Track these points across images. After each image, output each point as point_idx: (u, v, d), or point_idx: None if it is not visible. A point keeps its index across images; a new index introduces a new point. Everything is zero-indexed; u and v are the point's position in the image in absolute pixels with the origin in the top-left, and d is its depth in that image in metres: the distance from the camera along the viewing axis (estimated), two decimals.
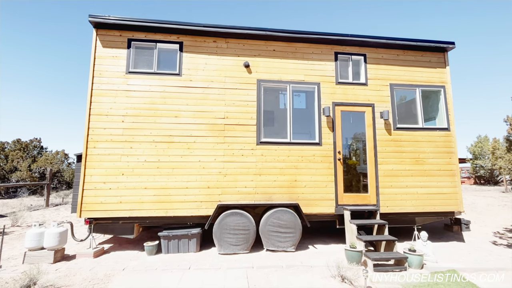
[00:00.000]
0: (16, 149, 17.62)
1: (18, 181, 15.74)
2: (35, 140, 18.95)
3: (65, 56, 62.86)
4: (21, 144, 18.20)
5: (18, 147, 17.79)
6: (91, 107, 5.34)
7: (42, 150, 19.33)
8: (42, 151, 19.18)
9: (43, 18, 53.96)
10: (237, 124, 5.61)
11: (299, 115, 6.21)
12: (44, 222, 5.32)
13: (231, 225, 5.05)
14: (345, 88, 6.03)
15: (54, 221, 5.10)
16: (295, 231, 5.14)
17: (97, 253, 4.98)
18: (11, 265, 4.56)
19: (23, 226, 7.87)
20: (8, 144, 18.03)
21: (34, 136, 20.93)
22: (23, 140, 18.50)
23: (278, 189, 5.51)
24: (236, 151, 5.53)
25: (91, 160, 5.20)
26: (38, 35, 53.58)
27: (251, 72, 5.82)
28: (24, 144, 18.29)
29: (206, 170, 5.41)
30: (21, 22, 47.08)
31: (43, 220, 8.21)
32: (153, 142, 5.38)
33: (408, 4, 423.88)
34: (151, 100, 5.50)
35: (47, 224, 5.21)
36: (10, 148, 17.83)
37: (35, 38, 53.85)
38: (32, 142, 18.77)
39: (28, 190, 15.43)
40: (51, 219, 8.38)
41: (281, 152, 5.64)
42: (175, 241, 5.11)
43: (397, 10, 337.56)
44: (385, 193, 5.74)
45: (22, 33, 49.42)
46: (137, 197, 5.19)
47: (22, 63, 52.66)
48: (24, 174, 15.90)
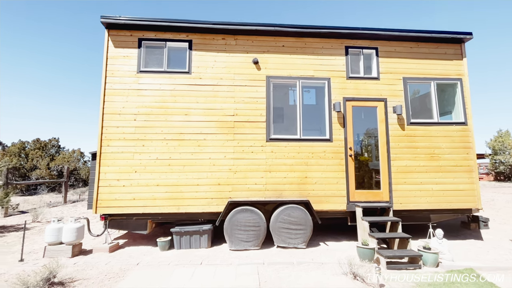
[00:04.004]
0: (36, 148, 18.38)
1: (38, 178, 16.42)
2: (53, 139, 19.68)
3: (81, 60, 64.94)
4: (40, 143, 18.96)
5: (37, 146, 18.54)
6: (104, 106, 5.47)
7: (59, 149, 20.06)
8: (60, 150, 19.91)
9: (57, 22, 56.26)
10: (246, 121, 5.61)
11: (309, 111, 6.14)
12: (62, 218, 5.54)
13: (242, 221, 5.08)
14: (356, 83, 5.90)
15: (71, 217, 5.29)
16: (306, 227, 5.11)
17: (112, 248, 5.14)
18: (33, 259, 4.78)
19: (43, 221, 8.21)
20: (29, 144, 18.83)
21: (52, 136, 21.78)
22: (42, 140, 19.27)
23: (288, 185, 5.49)
24: (246, 148, 5.54)
25: (105, 158, 5.34)
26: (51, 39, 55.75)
27: (260, 68, 5.79)
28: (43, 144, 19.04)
29: (217, 167, 5.45)
30: (37, 25, 49.17)
31: (61, 216, 8.54)
32: (165, 140, 5.46)
33: None
34: (161, 98, 5.57)
35: (65, 220, 5.41)
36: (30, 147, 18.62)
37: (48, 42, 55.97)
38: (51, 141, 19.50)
39: (47, 188, 16.08)
40: (68, 215, 8.71)
41: (291, 148, 5.61)
42: (187, 237, 5.20)
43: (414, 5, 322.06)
44: (398, 189, 5.62)
45: (38, 37, 51.61)
46: (150, 194, 5.30)
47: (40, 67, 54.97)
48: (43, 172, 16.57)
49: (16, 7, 43.23)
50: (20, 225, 7.69)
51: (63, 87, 51.57)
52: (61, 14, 75.84)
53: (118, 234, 6.44)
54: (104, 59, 5.59)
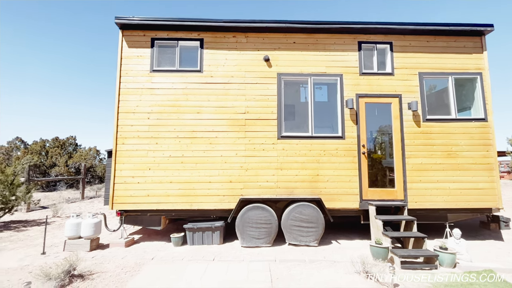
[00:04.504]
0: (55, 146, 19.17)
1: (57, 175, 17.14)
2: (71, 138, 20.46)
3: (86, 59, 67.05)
4: (59, 141, 19.76)
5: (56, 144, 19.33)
6: (119, 105, 5.62)
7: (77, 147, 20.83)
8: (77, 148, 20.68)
9: (70, 24, 58.14)
10: (257, 118, 5.63)
11: (321, 109, 6.09)
12: (81, 213, 5.78)
13: (253, 218, 5.12)
14: (370, 79, 5.79)
15: (89, 212, 5.50)
16: (318, 225, 5.09)
17: (128, 243, 5.30)
18: (54, 252, 5.02)
19: (63, 216, 8.58)
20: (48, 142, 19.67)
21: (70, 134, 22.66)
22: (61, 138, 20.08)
23: (300, 183, 5.48)
24: (257, 146, 5.57)
25: (120, 156, 5.51)
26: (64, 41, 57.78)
27: (271, 66, 5.78)
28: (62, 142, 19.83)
29: (228, 165, 5.51)
30: (53, 28, 51.04)
31: (80, 212, 8.89)
32: (177, 138, 5.57)
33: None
34: (174, 97, 5.67)
35: (83, 215, 5.62)
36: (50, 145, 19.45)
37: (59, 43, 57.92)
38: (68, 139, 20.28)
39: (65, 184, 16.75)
40: (86, 211, 9.05)
41: (303, 146, 5.58)
42: (199, 233, 5.29)
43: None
44: (413, 188, 5.49)
45: (51, 38, 53.64)
46: (163, 191, 5.43)
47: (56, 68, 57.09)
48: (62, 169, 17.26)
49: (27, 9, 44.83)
50: (41, 219, 8.07)
51: (74, 86, 53.56)
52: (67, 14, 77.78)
53: (133, 230, 6.64)
54: (118, 59, 5.74)
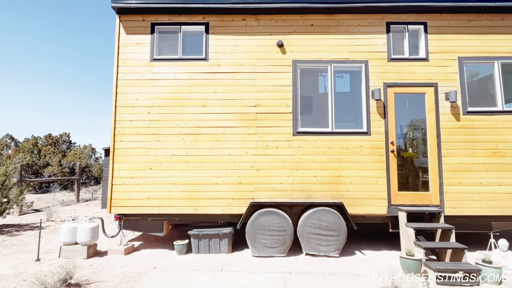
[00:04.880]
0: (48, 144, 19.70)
1: (50, 176, 17.62)
2: (65, 134, 20.98)
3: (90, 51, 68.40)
4: (52, 138, 20.29)
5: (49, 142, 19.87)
6: (117, 98, 5.63)
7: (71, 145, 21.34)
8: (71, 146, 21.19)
9: (66, 12, 59.05)
10: (270, 112, 5.52)
11: (343, 100, 5.92)
12: (77, 217, 5.86)
13: (266, 225, 5.04)
14: (400, 66, 5.56)
15: (85, 216, 5.57)
16: (339, 234, 4.97)
17: (127, 250, 5.33)
18: (49, 259, 5.10)
19: (57, 220, 8.77)
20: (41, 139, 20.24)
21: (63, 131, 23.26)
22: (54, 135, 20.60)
23: (318, 185, 5.36)
24: (269, 143, 5.47)
25: (118, 154, 5.53)
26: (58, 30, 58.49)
27: (286, 52, 5.64)
28: (55, 139, 20.36)
29: (237, 164, 5.44)
30: (47, 15, 52.33)
31: (75, 215, 9.07)
32: (180, 134, 5.53)
33: None
34: (176, 88, 5.63)
35: (79, 220, 5.71)
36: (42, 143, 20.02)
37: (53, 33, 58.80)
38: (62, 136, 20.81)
39: (59, 185, 17.20)
40: (82, 215, 9.22)
41: (322, 143, 5.44)
42: (205, 241, 5.26)
43: None
44: (451, 191, 5.25)
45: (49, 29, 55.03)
46: (166, 193, 5.42)
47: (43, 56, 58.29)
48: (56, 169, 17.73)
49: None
50: (35, 223, 8.26)
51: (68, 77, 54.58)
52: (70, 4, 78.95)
53: (133, 236, 6.69)
54: (115, 47, 5.73)
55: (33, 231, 7.24)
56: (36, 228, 7.51)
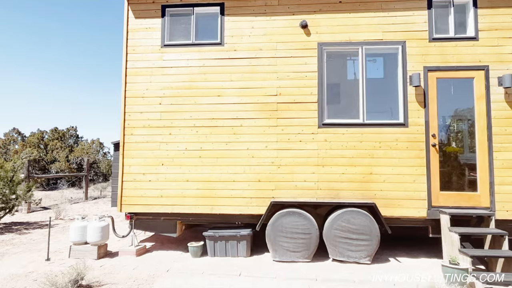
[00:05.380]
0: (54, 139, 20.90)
1: (58, 172, 18.72)
2: (71, 128, 22.16)
3: None
4: (58, 133, 21.50)
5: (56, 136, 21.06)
6: (126, 88, 5.93)
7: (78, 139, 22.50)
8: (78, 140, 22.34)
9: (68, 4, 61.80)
10: (292, 102, 5.61)
11: (375, 87, 5.95)
12: (86, 215, 6.26)
13: (288, 227, 5.18)
14: (443, 47, 5.46)
15: (95, 215, 5.94)
16: (371, 238, 5.02)
17: (139, 252, 5.67)
18: (59, 259, 5.52)
19: (66, 219, 9.39)
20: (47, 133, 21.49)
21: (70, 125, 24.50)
22: (60, 129, 21.81)
23: (347, 184, 5.41)
24: (292, 136, 5.57)
25: (129, 149, 5.84)
26: None
27: (310, 33, 5.69)
28: (62, 133, 21.56)
29: (256, 160, 5.59)
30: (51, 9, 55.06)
31: (84, 214, 9.65)
32: (194, 127, 5.75)
33: None
34: (189, 77, 5.84)
35: (89, 218, 6.11)
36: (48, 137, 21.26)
37: None
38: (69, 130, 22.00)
39: (67, 182, 18.25)
40: (91, 213, 9.81)
41: (351, 136, 5.48)
42: (222, 243, 5.48)
43: None
44: (503, 191, 5.15)
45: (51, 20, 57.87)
46: (179, 191, 5.68)
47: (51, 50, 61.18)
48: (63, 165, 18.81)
49: None
50: (43, 221, 8.90)
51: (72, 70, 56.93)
52: None
53: (144, 236, 7.06)
54: (124, 33, 6.02)
55: (42, 230, 7.82)
56: (45, 227, 8.10)
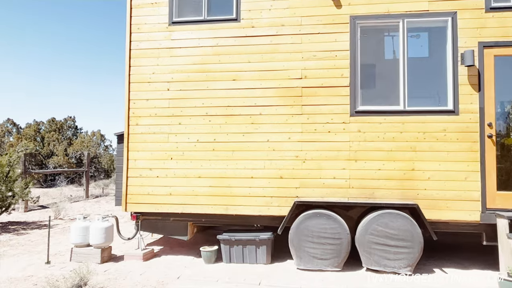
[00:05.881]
0: (51, 130, 21.62)
1: (56, 167, 19.41)
2: (70, 119, 22.86)
3: None
4: (56, 123, 22.24)
5: (53, 127, 21.79)
6: (130, 73, 6.02)
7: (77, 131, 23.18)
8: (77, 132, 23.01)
9: None
10: (320, 86, 5.53)
11: (419, 68, 5.82)
12: (88, 215, 6.46)
13: (315, 230, 5.14)
14: (504, 17, 5.21)
15: (98, 214, 6.11)
16: (413, 245, 4.92)
17: (146, 256, 5.78)
18: (59, 262, 5.73)
19: (66, 219, 9.73)
20: (43, 125, 22.28)
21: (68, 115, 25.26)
22: (58, 120, 22.54)
23: (384, 181, 5.32)
24: (319, 126, 5.50)
25: (134, 141, 5.94)
26: None
27: (341, 5, 5.56)
28: (59, 124, 22.27)
29: (278, 154, 5.56)
30: None
31: (86, 214, 9.97)
32: (207, 115, 5.77)
33: None
34: (201, 58, 5.85)
35: (91, 218, 6.29)
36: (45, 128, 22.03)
37: None
38: (67, 121, 22.70)
39: (66, 178, 18.89)
40: (93, 212, 10.11)
41: (390, 126, 5.36)
42: (238, 248, 5.51)
43: None
44: None
45: None
46: (190, 188, 5.74)
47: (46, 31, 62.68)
48: (61, 160, 19.47)
49: None
50: (42, 221, 9.26)
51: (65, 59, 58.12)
52: None
53: (152, 239, 7.21)
54: (127, 10, 6.09)
55: (40, 230, 8.14)
56: (44, 227, 8.42)
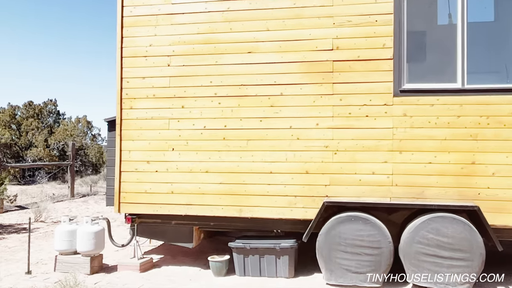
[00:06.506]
0: (29, 116, 21.89)
1: (35, 160, 19.67)
2: (50, 102, 23.08)
3: None
4: (34, 108, 22.53)
5: (31, 113, 22.05)
6: (122, 45, 5.93)
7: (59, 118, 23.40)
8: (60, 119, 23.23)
9: None
10: (356, 59, 5.35)
11: (482, 36, 5.65)
12: (75, 217, 6.43)
13: (349, 238, 5.02)
14: None
15: (87, 216, 6.08)
16: (471, 256, 4.75)
17: (144, 266, 5.76)
18: (42, 272, 5.78)
19: (48, 221, 9.82)
20: (20, 109, 22.54)
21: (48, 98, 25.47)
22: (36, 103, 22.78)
23: (436, 178, 5.14)
24: (355, 109, 5.34)
25: (128, 128, 5.87)
26: None
27: None
28: (38, 109, 22.54)
29: (303, 143, 5.43)
30: None
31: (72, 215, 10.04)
32: (215, 97, 5.65)
33: None
34: (209, 27, 5.71)
35: (78, 221, 6.26)
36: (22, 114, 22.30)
37: None
38: (47, 105, 22.94)
39: (47, 174, 19.13)
40: (80, 214, 10.15)
41: (444, 108, 5.16)
42: (255, 258, 5.41)
43: None
44: None
45: None
46: (196, 185, 5.65)
47: None
48: (41, 152, 19.69)
49: None
50: (20, 224, 9.36)
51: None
52: None
53: (150, 246, 7.21)
54: None
55: (19, 235, 8.23)
56: (23, 231, 8.49)
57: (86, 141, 21.79)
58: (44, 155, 19.77)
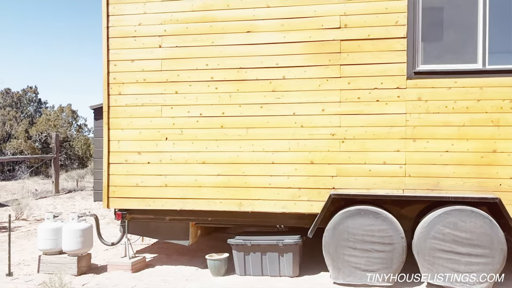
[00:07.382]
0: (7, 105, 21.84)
1: (15, 154, 19.65)
2: (30, 89, 22.99)
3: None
4: (12, 96, 22.43)
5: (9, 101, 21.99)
6: (108, 24, 5.91)
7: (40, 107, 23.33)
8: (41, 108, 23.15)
9: None
10: (366, 38, 5.33)
11: (505, 12, 5.56)
12: (60, 213, 6.44)
13: (358, 233, 5.06)
14: None
15: (73, 212, 6.11)
16: (491, 252, 4.79)
17: (136, 266, 5.82)
18: (24, 273, 5.82)
19: (30, 219, 9.86)
20: None
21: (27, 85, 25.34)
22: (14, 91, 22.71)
23: (453, 168, 5.15)
24: (364, 93, 5.35)
25: (116, 115, 5.89)
26: None
27: None
28: (16, 97, 22.45)
29: (307, 131, 5.45)
30: None
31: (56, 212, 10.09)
32: (212, 81, 5.65)
33: None
34: (203, 3, 5.69)
35: (64, 217, 6.29)
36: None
37: None
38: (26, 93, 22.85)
39: (28, 168, 19.16)
40: (66, 211, 10.18)
41: (462, 92, 5.16)
42: (256, 255, 5.47)
43: None
44: None
45: None
46: (192, 178, 5.68)
47: None
48: (22, 144, 19.69)
49: None
50: (0, 223, 9.39)
51: None
52: None
53: (142, 245, 7.27)
54: None
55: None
56: (3, 229, 8.54)
57: (71, 132, 21.72)
58: (25, 147, 19.76)
